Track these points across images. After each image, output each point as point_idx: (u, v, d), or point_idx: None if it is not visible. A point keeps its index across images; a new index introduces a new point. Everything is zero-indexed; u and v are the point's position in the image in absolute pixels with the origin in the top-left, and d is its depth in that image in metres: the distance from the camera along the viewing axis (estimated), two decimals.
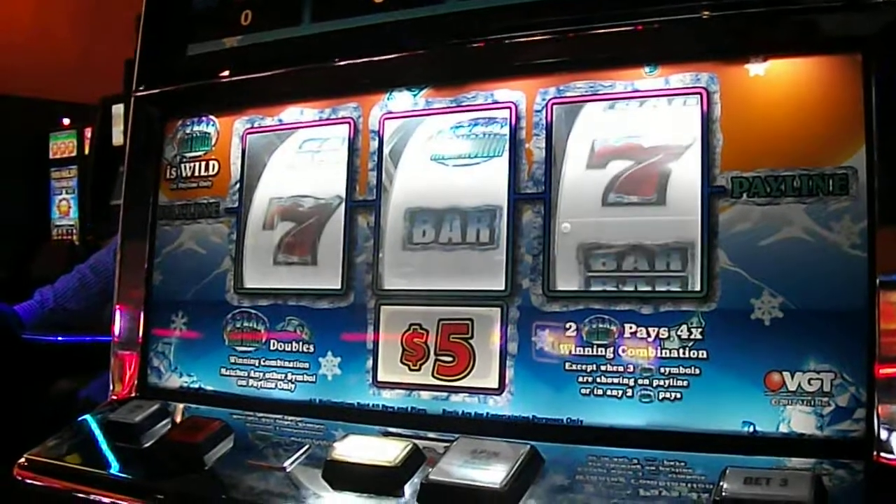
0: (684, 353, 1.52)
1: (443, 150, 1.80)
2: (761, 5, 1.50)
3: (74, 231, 7.65)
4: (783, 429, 1.44)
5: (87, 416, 2.00)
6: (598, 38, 1.63)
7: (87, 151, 7.21)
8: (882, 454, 1.35)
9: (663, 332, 1.54)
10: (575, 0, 1.64)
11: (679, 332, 1.52)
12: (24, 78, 7.10)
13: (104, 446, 1.87)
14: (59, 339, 4.39)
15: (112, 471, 1.78)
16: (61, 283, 4.51)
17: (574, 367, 1.60)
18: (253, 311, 1.95)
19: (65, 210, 7.76)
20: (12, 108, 7.24)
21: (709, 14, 1.52)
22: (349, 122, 1.89)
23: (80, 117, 7.39)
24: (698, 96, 1.57)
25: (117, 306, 2.13)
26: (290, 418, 1.83)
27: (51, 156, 7.81)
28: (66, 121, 7.70)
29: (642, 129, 1.62)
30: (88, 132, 7.15)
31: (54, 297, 4.46)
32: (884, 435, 1.35)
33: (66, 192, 7.76)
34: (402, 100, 1.85)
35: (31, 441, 1.90)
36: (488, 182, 1.73)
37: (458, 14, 1.74)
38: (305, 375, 1.86)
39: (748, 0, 1.51)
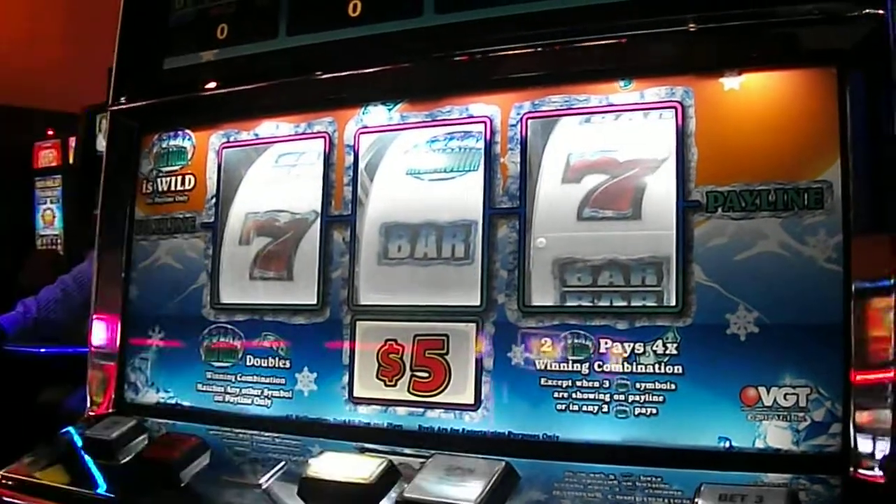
0: (660, 369, 1.51)
1: (418, 164, 1.80)
2: (739, 19, 1.50)
3: (59, 241, 7.63)
4: (759, 444, 1.44)
5: (64, 432, 1.98)
6: (574, 52, 1.63)
7: (71, 161, 7.19)
8: (858, 469, 1.34)
9: (639, 348, 1.53)
10: (550, 14, 1.64)
11: (654, 348, 1.52)
12: (9, 87, 7.08)
13: (81, 463, 1.86)
14: (42, 350, 4.37)
15: (88, 488, 1.77)
16: (44, 294, 4.49)
17: (550, 382, 1.59)
18: (229, 327, 1.94)
19: (49, 220, 7.74)
20: None
21: (685, 28, 1.52)
22: (324, 137, 1.89)
23: (65, 127, 7.37)
24: (673, 110, 1.57)
25: (94, 321, 2.12)
26: (266, 434, 1.82)
27: (35, 165, 7.78)
28: (51, 131, 7.68)
29: (617, 144, 1.62)
30: (73, 142, 7.13)
31: (37, 308, 4.44)
32: (860, 447, 1.35)
33: (51, 202, 7.74)
34: (377, 114, 1.85)
35: (16, 453, 1.90)
36: (463, 197, 1.72)
37: (433, 28, 1.74)
38: (282, 391, 1.85)
39: (725, 14, 1.50)
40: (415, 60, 1.77)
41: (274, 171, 1.98)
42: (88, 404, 2.09)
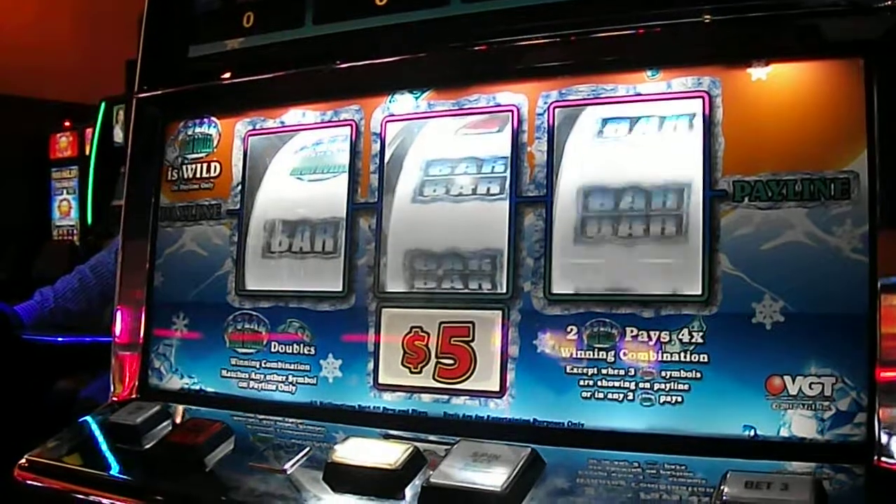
0: (685, 357, 1.52)
1: (444, 153, 1.80)
2: (764, 9, 1.50)
3: (75, 231, 7.65)
4: (784, 433, 1.44)
5: (88, 418, 2.00)
6: (601, 42, 1.63)
7: (87, 152, 7.22)
8: (883, 458, 1.35)
9: (664, 336, 1.54)
10: (578, 3, 1.64)
11: (680, 336, 1.52)
12: (26, 78, 7.10)
13: (105, 447, 1.87)
14: (60, 339, 4.38)
15: (112, 472, 1.78)
16: (61, 284, 4.51)
17: (575, 370, 1.60)
18: (254, 313, 1.95)
19: (65, 210, 7.77)
20: (13, 108, 7.24)
21: (711, 18, 1.52)
22: (351, 125, 1.89)
23: (81, 118, 7.39)
24: (700, 100, 1.57)
25: (118, 307, 2.13)
26: (290, 420, 1.83)
27: (51, 156, 7.81)
28: (67, 122, 7.70)
29: (644, 133, 1.62)
30: (89, 132, 7.16)
31: (54, 297, 4.46)
32: (884, 439, 1.35)
33: (67, 193, 7.76)
34: (404, 102, 1.85)
35: (31, 441, 1.91)
36: (490, 185, 1.73)
37: (461, 17, 1.74)
38: (306, 377, 1.86)
39: (751, 4, 1.51)
40: (442, 49, 1.78)
41: (300, 159, 1.98)
42: (112, 389, 2.10)
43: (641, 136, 1.63)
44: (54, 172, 7.81)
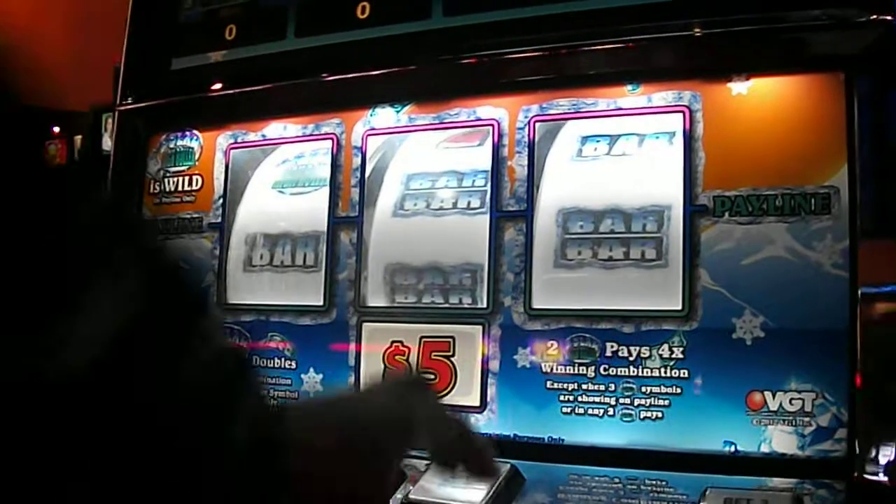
0: (666, 373, 1.51)
1: (425, 167, 1.80)
2: (748, 24, 1.50)
3: None
4: (764, 448, 1.44)
5: None
6: (582, 56, 1.63)
7: (77, 159, 7.19)
8: (863, 473, 1.34)
9: (645, 351, 1.53)
10: (559, 18, 1.63)
11: (660, 352, 1.52)
12: None
13: None
14: None
15: None
16: None
17: (555, 385, 1.59)
18: (235, 327, 1.94)
19: None
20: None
21: (700, 31, 1.52)
22: (332, 138, 1.89)
23: (70, 125, 7.36)
24: (681, 114, 1.57)
25: None
26: None
27: None
28: (56, 129, 7.67)
29: (625, 148, 1.62)
30: (79, 140, 7.13)
31: None
32: (865, 454, 1.35)
33: None
34: (384, 116, 1.84)
35: None
36: (470, 199, 1.72)
37: (441, 31, 1.73)
38: (287, 392, 1.85)
39: (735, 18, 1.50)
40: (423, 63, 1.77)
41: (281, 173, 1.98)
42: None
43: (621, 153, 1.62)
44: None
